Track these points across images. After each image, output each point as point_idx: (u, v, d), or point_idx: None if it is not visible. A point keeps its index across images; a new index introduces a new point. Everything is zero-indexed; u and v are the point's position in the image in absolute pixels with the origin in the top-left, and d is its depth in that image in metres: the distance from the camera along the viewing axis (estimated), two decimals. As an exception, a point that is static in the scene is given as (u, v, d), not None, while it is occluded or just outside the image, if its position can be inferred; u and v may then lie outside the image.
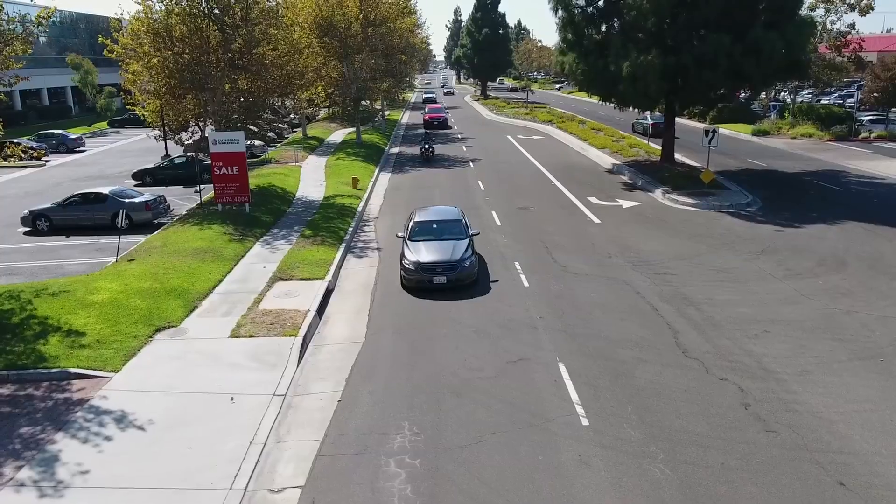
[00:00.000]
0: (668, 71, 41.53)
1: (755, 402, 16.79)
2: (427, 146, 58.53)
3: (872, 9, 65.90)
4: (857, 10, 66.57)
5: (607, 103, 49.75)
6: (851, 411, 16.29)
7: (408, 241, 27.15)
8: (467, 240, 26.97)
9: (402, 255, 26.50)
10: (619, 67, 42.29)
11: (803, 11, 46.69)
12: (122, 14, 38.24)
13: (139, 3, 36.41)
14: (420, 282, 25.46)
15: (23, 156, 26.09)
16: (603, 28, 47.77)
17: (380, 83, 66.63)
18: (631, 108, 49.92)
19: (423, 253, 26.01)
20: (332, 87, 60.83)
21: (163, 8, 36.56)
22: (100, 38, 38.78)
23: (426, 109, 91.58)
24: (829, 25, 67.40)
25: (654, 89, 42.15)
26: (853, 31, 67.65)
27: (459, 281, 25.42)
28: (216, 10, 36.96)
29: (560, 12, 47.07)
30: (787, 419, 15.93)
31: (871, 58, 78.61)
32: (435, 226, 28.23)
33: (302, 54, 42.56)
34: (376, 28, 61.51)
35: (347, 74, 61.55)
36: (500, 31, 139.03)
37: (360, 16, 58.56)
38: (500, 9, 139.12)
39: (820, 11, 66.01)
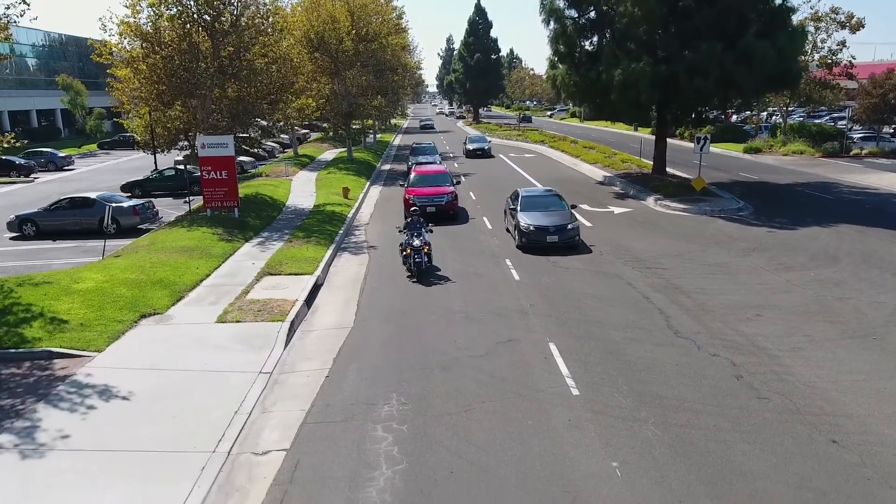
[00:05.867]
0: (660, 79, 41.63)
1: (747, 374, 16.57)
2: (417, 237, 26.69)
3: (863, 26, 66.33)
4: (847, 27, 66.99)
5: (599, 116, 49.64)
6: (844, 381, 16.08)
7: None
8: None
9: None
10: (611, 76, 42.36)
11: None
12: (108, 19, 37.83)
13: (128, 7, 36.28)
14: None
15: (6, 146, 25.83)
16: (595, 39, 47.91)
17: (371, 99, 66.62)
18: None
19: None
20: (322, 100, 60.75)
21: (151, 13, 36.44)
22: (89, 41, 38.65)
23: (412, 176, 41.60)
24: (819, 44, 67.73)
25: (646, 98, 42.20)
26: (844, 48, 67.81)
27: None
28: (206, 17, 36.93)
29: (552, 24, 47.13)
30: (779, 388, 15.71)
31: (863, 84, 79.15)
32: None
33: (292, 61, 42.51)
34: (368, 44, 61.68)
35: (339, 90, 61.64)
36: (493, 56, 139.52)
37: (352, 31, 58.69)
38: (493, 34, 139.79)
39: (810, 29, 66.38)
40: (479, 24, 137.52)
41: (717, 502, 11.58)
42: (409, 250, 26.21)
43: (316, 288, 25.38)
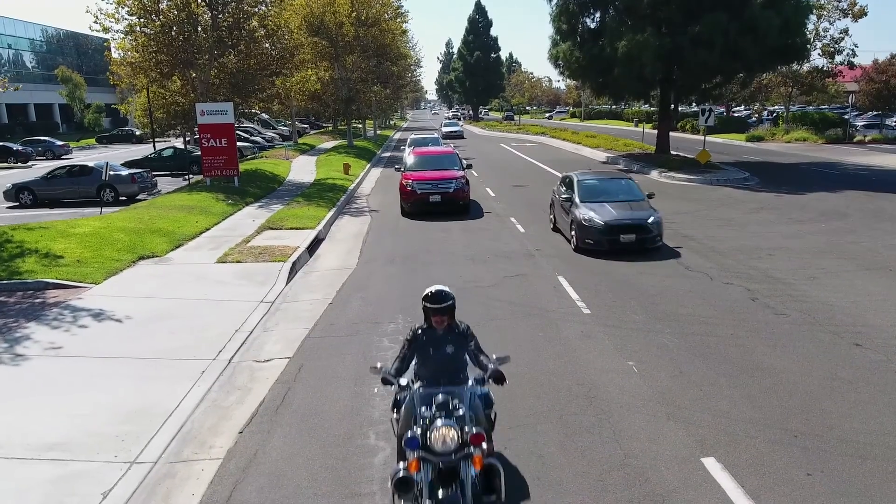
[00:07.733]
0: (664, 52, 41.17)
1: (763, 297, 16.09)
2: (442, 413, 7.17)
3: (865, 14, 65.86)
4: (850, 15, 66.54)
5: (601, 93, 49.19)
6: (863, 301, 15.61)
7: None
8: None
9: None
10: (615, 49, 41.89)
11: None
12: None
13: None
14: None
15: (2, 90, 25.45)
16: (597, 16, 47.49)
17: (371, 85, 66.30)
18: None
19: None
20: (321, 85, 60.15)
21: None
22: (85, 10, 38.30)
23: (411, 158, 33.12)
24: (821, 32, 67.24)
25: (650, 70, 41.70)
26: (846, 36, 67.30)
27: None
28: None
29: (554, 0, 46.75)
30: (796, 306, 15.23)
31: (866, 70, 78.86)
32: None
33: (291, 32, 42.12)
34: (368, 29, 61.25)
35: (339, 76, 61.22)
36: (493, 55, 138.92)
37: (352, 14, 58.28)
38: (493, 32, 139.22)
39: (812, 18, 65.85)
40: (479, 23, 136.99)
41: (739, 390, 11.09)
42: (416, 462, 7.12)
43: (318, 242, 24.90)
